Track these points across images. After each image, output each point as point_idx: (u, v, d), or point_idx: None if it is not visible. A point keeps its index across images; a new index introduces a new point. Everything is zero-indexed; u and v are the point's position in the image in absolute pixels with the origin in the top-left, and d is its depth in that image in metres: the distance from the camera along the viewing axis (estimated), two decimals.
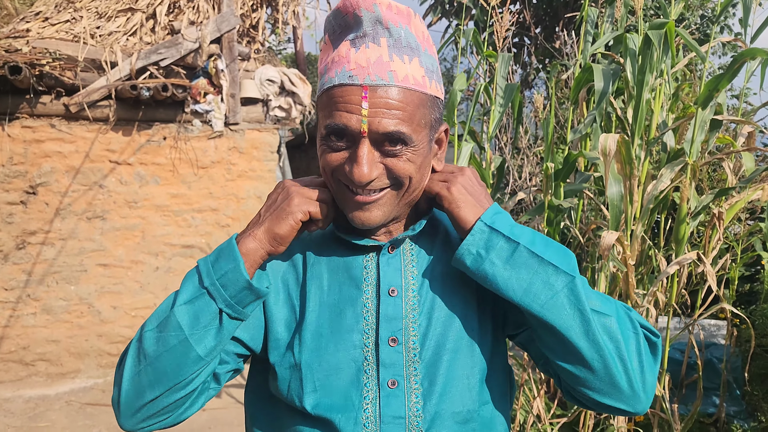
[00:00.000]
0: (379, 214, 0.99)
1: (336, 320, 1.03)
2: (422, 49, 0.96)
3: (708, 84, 2.97)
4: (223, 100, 4.86)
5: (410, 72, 0.92)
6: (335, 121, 0.92)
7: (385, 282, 1.04)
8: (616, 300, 1.03)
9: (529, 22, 8.71)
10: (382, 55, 0.91)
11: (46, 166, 4.55)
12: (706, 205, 3.15)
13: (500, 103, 3.34)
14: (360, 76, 0.90)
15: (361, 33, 0.92)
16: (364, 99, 0.90)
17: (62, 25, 4.68)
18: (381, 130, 0.91)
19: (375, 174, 0.94)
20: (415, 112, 0.93)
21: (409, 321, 1.03)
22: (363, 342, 1.02)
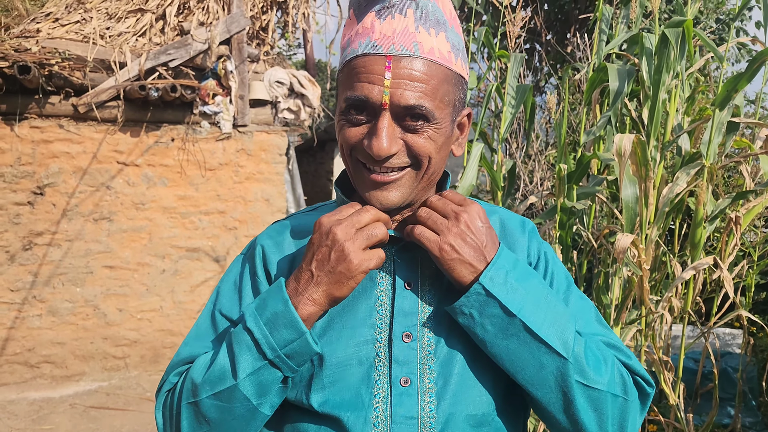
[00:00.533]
0: (397, 194, 0.93)
1: (348, 313, 0.97)
2: (449, 26, 0.92)
3: (726, 84, 2.91)
4: (232, 102, 4.83)
5: (436, 45, 0.89)
6: (356, 93, 0.88)
7: (401, 274, 0.99)
8: (614, 338, 1.00)
9: (540, 27, 8.66)
10: (408, 25, 0.88)
11: (53, 167, 4.53)
12: (723, 210, 3.07)
13: (512, 104, 3.28)
14: (384, 46, 0.87)
15: (388, 3, 0.89)
16: (387, 69, 0.86)
17: (72, 25, 4.67)
18: (403, 103, 0.86)
19: (394, 149, 0.89)
20: (438, 87, 0.89)
21: (425, 316, 0.97)
22: (375, 337, 0.96)
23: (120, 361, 4.81)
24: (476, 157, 3.00)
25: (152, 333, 4.87)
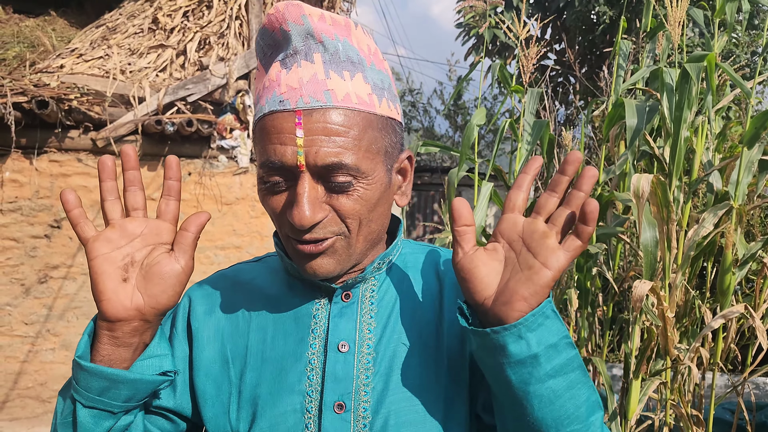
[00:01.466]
0: (332, 262, 0.82)
1: (277, 380, 0.86)
2: (367, 64, 0.80)
3: (754, 121, 2.73)
4: (250, 136, 4.80)
5: (352, 89, 0.77)
6: (269, 157, 0.77)
7: (335, 334, 0.87)
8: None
9: (572, 61, 8.54)
10: (316, 72, 0.77)
11: None
12: (754, 254, 2.87)
13: (527, 140, 3.15)
14: (292, 100, 0.76)
15: (291, 50, 0.78)
16: (298, 126, 0.75)
17: (95, 61, 4.73)
18: (320, 162, 0.75)
19: (319, 216, 0.78)
20: (361, 137, 0.78)
21: (361, 383, 0.84)
22: (304, 406, 0.84)
23: None
24: (485, 196, 2.87)
25: None
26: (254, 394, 0.86)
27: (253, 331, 0.91)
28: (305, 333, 0.88)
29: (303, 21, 0.76)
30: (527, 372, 0.73)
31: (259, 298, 0.94)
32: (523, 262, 0.75)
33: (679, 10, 2.71)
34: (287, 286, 0.94)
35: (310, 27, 0.77)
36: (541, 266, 0.73)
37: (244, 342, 0.90)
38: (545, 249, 0.74)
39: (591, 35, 9.40)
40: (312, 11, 0.78)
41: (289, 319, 0.90)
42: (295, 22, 0.77)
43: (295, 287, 0.93)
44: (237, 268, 1.02)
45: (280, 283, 0.95)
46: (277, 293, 0.93)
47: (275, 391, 0.85)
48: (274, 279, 0.96)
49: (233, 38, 4.84)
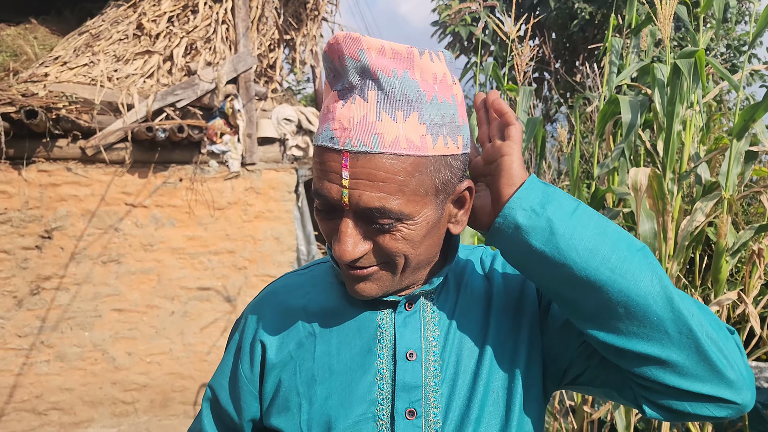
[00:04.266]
0: (375, 287, 0.86)
1: (347, 390, 0.89)
2: (427, 99, 0.78)
3: (743, 114, 2.82)
4: (240, 141, 4.80)
5: (402, 133, 0.76)
6: (320, 190, 0.80)
7: (402, 344, 0.90)
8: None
9: (548, 57, 8.65)
10: (368, 113, 0.76)
11: (61, 210, 4.51)
12: (745, 242, 2.96)
13: (522, 138, 3.21)
14: (341, 139, 0.76)
15: (348, 84, 0.78)
16: (344, 167, 0.76)
17: (80, 68, 4.68)
18: (362, 205, 0.77)
19: (358, 252, 0.80)
20: (408, 182, 0.77)
21: (430, 390, 0.88)
22: (376, 414, 0.87)
23: (129, 407, 4.71)
24: None
25: (162, 377, 4.78)
26: (326, 406, 0.88)
27: (318, 345, 0.93)
28: (372, 344, 0.91)
29: (360, 56, 0.75)
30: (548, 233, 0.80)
31: (320, 312, 0.96)
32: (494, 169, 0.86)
33: (668, 7, 2.79)
34: (346, 298, 0.96)
35: (367, 63, 0.75)
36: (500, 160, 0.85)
37: (310, 355, 0.92)
38: (495, 149, 0.87)
39: (566, 31, 9.54)
40: (371, 44, 0.76)
41: (353, 331, 0.93)
42: (352, 57, 0.76)
43: (354, 299, 0.94)
44: (289, 281, 1.04)
45: (336, 295, 0.97)
46: (336, 305, 0.95)
47: (347, 402, 0.88)
48: (330, 290, 0.98)
49: (220, 42, 4.83)
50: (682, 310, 0.77)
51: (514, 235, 0.81)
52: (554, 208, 0.80)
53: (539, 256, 0.80)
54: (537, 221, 0.80)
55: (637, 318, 0.78)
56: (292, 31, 5.83)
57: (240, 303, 4.97)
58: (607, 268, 0.77)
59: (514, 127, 0.86)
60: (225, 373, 1.01)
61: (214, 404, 1.02)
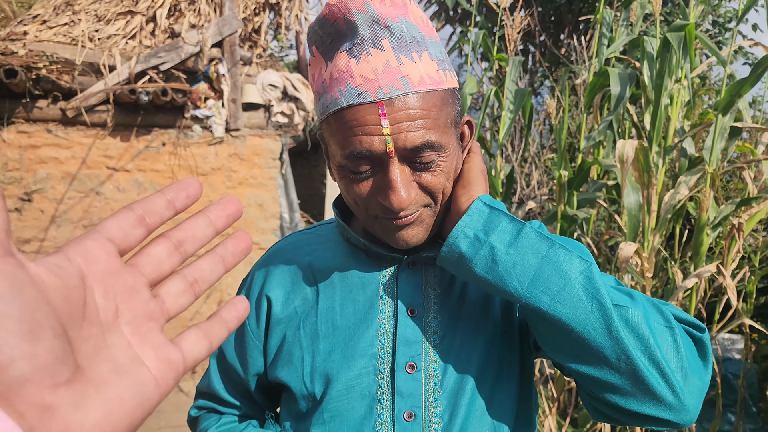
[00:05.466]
0: (420, 230, 0.87)
1: (349, 344, 0.91)
2: (428, 39, 0.82)
3: (729, 89, 2.85)
4: (224, 106, 4.74)
5: (423, 71, 0.80)
6: (356, 149, 0.79)
7: (404, 300, 0.92)
8: (644, 294, 0.87)
9: (534, 29, 8.61)
10: (389, 60, 0.78)
11: (41, 173, 4.43)
12: (726, 216, 3.02)
13: (510, 108, 3.22)
14: (371, 91, 0.78)
15: (358, 39, 0.79)
16: (382, 116, 0.78)
17: (60, 28, 4.57)
18: (409, 146, 0.79)
19: (413, 196, 0.82)
20: (439, 115, 0.81)
21: (430, 345, 0.90)
22: (377, 368, 0.89)
23: None
24: None
25: None
26: (328, 359, 0.91)
27: (322, 300, 0.95)
28: (374, 299, 0.93)
29: (367, 8, 0.77)
30: (491, 261, 0.80)
31: (325, 268, 0.98)
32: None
33: None
34: (351, 255, 0.98)
35: (375, 13, 0.78)
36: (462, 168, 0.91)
37: (314, 310, 0.95)
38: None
39: (552, 4, 9.49)
40: None
41: (357, 287, 0.95)
42: (360, 11, 0.78)
43: (359, 256, 0.97)
44: (296, 240, 1.06)
45: (342, 253, 0.99)
46: (342, 263, 0.97)
47: (349, 355, 0.90)
48: (336, 249, 1.00)
49: (205, 4, 4.73)
50: (622, 337, 0.77)
51: (459, 263, 0.83)
52: (497, 234, 0.81)
53: (484, 282, 0.82)
54: (480, 249, 0.81)
55: (577, 342, 0.79)
56: None
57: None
58: (546, 296, 0.78)
59: (473, 144, 0.93)
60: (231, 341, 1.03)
61: (221, 360, 1.04)
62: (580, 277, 0.79)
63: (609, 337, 0.77)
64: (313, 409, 0.90)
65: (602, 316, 0.77)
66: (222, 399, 1.04)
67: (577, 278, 0.79)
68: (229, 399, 1.04)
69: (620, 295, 0.83)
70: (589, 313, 0.78)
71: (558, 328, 0.79)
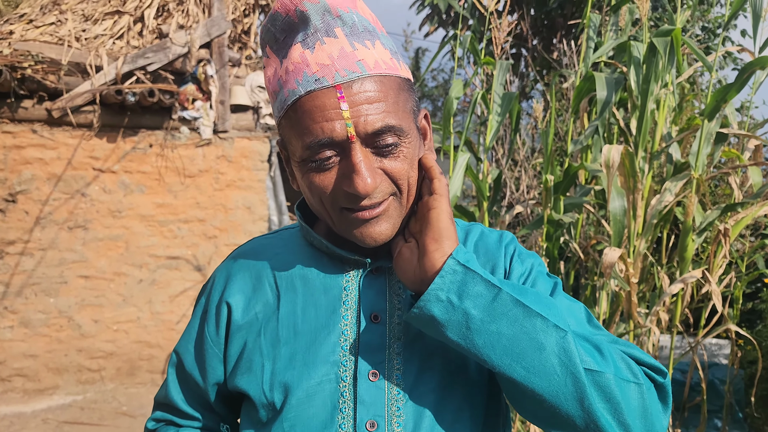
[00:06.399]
0: (388, 225, 0.85)
1: (309, 350, 0.88)
2: (379, 31, 0.84)
3: (715, 95, 2.85)
4: (212, 107, 4.72)
5: (378, 57, 0.81)
6: (316, 137, 0.78)
7: (367, 306, 0.90)
8: (610, 336, 0.87)
9: (526, 33, 8.62)
10: (343, 46, 0.79)
11: (26, 173, 4.39)
12: (712, 221, 3.02)
13: (498, 112, 3.21)
14: (328, 76, 0.78)
15: (311, 30, 0.80)
16: (341, 99, 0.77)
17: (47, 27, 4.54)
18: (369, 129, 0.78)
19: (378, 180, 0.81)
20: (397, 99, 0.82)
21: (393, 352, 0.88)
22: (339, 375, 0.87)
23: (95, 374, 4.67)
24: (462, 166, 2.92)
25: (129, 345, 4.74)
26: (289, 366, 0.88)
27: (283, 305, 0.92)
28: (337, 305, 0.90)
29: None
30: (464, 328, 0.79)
31: (287, 272, 0.95)
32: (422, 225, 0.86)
33: None
34: (314, 259, 0.95)
35: (326, 4, 0.79)
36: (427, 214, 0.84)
37: (275, 315, 0.92)
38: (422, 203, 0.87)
39: (545, 7, 9.51)
40: None
41: (319, 292, 0.92)
42: (311, 1, 0.79)
43: (322, 260, 0.95)
44: (258, 244, 1.03)
45: (305, 257, 0.96)
46: (304, 266, 0.95)
47: (310, 362, 0.87)
48: (299, 252, 0.97)
49: (193, 5, 4.71)
50: (594, 407, 0.77)
51: (430, 325, 0.80)
52: (472, 299, 0.78)
53: (456, 345, 0.80)
54: (453, 314, 0.78)
55: (548, 411, 0.80)
56: None
57: (210, 272, 4.93)
58: (521, 366, 0.78)
59: (437, 180, 0.86)
60: (191, 336, 1.00)
61: (180, 369, 1.00)
62: (555, 348, 0.78)
63: (581, 408, 0.78)
64: (273, 419, 0.87)
65: (575, 389, 0.77)
66: (180, 410, 1.01)
67: (553, 350, 0.78)
68: (188, 410, 1.00)
69: (591, 352, 0.81)
70: (563, 386, 0.78)
71: (530, 396, 0.79)
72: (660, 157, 3.16)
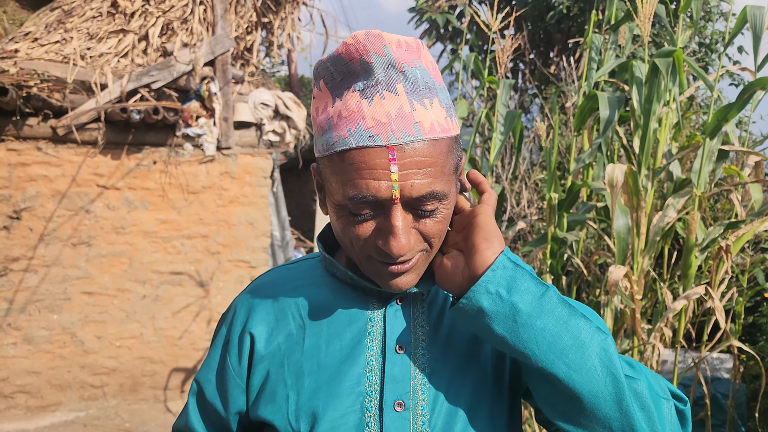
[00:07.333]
0: (413, 277, 0.87)
1: (334, 381, 0.89)
2: (437, 84, 0.82)
3: (716, 114, 2.89)
4: (216, 124, 4.75)
5: (434, 118, 0.79)
6: (361, 192, 0.78)
7: (392, 337, 0.91)
8: (642, 365, 0.90)
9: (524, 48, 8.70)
10: (402, 105, 0.78)
11: (31, 190, 4.41)
12: (715, 238, 3.04)
13: (501, 130, 3.24)
14: (383, 135, 0.76)
15: (373, 81, 0.78)
16: (392, 162, 0.77)
17: (52, 45, 4.57)
18: (415, 195, 0.78)
19: (413, 243, 0.82)
20: (445, 163, 0.81)
21: (418, 383, 0.89)
22: (364, 406, 0.88)
23: (98, 390, 4.66)
24: None
25: (132, 361, 4.74)
26: (314, 397, 0.89)
27: (307, 337, 0.93)
28: (362, 336, 0.92)
29: (385, 52, 0.77)
30: (511, 321, 0.81)
31: (309, 304, 0.96)
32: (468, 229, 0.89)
33: (648, 6, 2.83)
34: (337, 291, 0.96)
35: (392, 57, 0.77)
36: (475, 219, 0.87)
37: (299, 348, 0.93)
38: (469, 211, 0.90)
39: (542, 23, 9.59)
40: (390, 39, 0.79)
41: (343, 324, 0.93)
42: (377, 54, 0.77)
43: (346, 292, 0.95)
44: (279, 275, 1.04)
45: (328, 289, 0.97)
46: (328, 299, 0.96)
47: (335, 393, 0.88)
48: (320, 285, 0.98)
49: (197, 23, 4.75)
50: (631, 410, 0.80)
51: (477, 317, 0.83)
52: (521, 294, 0.81)
53: (501, 340, 0.82)
54: (501, 307, 0.81)
55: (585, 411, 0.81)
56: (270, 14, 5.75)
57: (213, 288, 4.94)
58: (563, 362, 0.80)
59: (488, 193, 0.90)
60: (212, 366, 1.00)
61: (200, 398, 1.01)
62: (597, 349, 0.80)
63: (619, 409, 0.80)
64: None
65: (615, 390, 0.80)
66: None
67: (595, 349, 0.80)
68: None
69: (626, 365, 0.85)
70: (603, 386, 0.80)
71: (568, 395, 0.81)
72: (662, 173, 3.19)
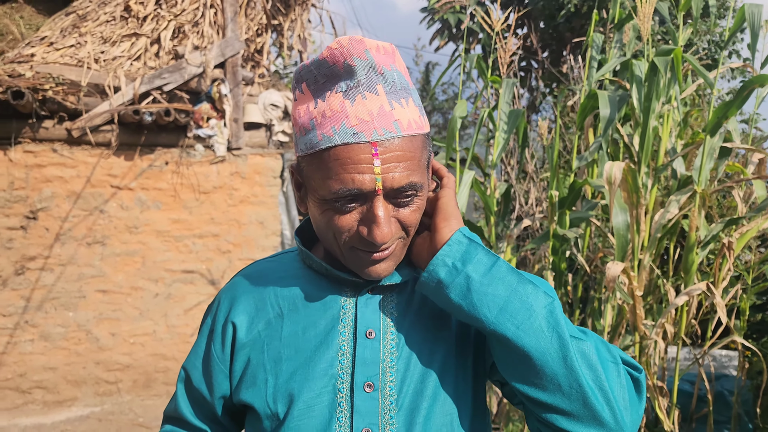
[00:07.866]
0: (392, 264, 0.96)
1: (309, 365, 0.97)
2: (410, 86, 0.91)
3: (716, 111, 2.91)
4: (226, 125, 4.84)
5: (410, 116, 0.88)
6: (345, 185, 0.86)
7: (363, 323, 0.98)
8: (593, 332, 0.97)
9: (536, 47, 8.69)
10: (383, 104, 0.86)
11: (46, 191, 4.53)
12: (715, 235, 3.06)
13: (504, 129, 3.29)
14: (366, 132, 0.84)
15: (356, 83, 0.86)
16: (375, 156, 0.85)
17: (67, 49, 4.68)
18: (396, 186, 0.87)
19: (394, 231, 0.91)
20: (421, 157, 0.90)
21: (387, 365, 0.97)
22: (336, 387, 0.96)
23: (112, 386, 4.77)
24: (467, 184, 3.00)
25: (145, 357, 4.84)
26: (291, 380, 0.97)
27: (285, 325, 1.01)
28: (335, 323, 0.99)
29: (367, 56, 0.85)
30: (465, 289, 0.90)
31: (288, 295, 1.03)
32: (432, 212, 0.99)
33: (648, 4, 2.86)
34: (314, 281, 1.03)
35: (373, 61, 0.85)
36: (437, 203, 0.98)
37: (278, 335, 1.00)
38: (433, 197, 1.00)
39: (554, 21, 9.59)
40: (371, 44, 0.86)
41: (318, 312, 1.01)
42: (360, 57, 0.84)
43: (321, 283, 1.03)
44: (260, 268, 1.12)
45: (305, 280, 1.04)
46: (305, 289, 1.03)
47: (310, 376, 0.96)
48: (299, 276, 1.06)
49: (208, 26, 4.84)
50: (576, 367, 0.87)
51: (437, 289, 0.92)
52: (474, 264, 0.90)
53: (457, 308, 0.91)
54: (456, 277, 0.90)
55: (535, 369, 0.88)
56: (280, 16, 5.84)
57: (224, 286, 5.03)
58: (513, 324, 0.87)
59: (446, 177, 1.01)
60: (198, 354, 1.09)
61: (188, 384, 1.09)
62: (543, 311, 0.89)
63: (564, 366, 0.87)
64: (277, 429, 0.95)
65: (560, 347, 0.87)
66: (189, 423, 1.09)
67: (541, 311, 0.88)
68: (197, 423, 1.09)
69: (575, 328, 0.93)
70: (549, 344, 0.87)
71: (519, 355, 0.88)
72: (665, 171, 3.21)
